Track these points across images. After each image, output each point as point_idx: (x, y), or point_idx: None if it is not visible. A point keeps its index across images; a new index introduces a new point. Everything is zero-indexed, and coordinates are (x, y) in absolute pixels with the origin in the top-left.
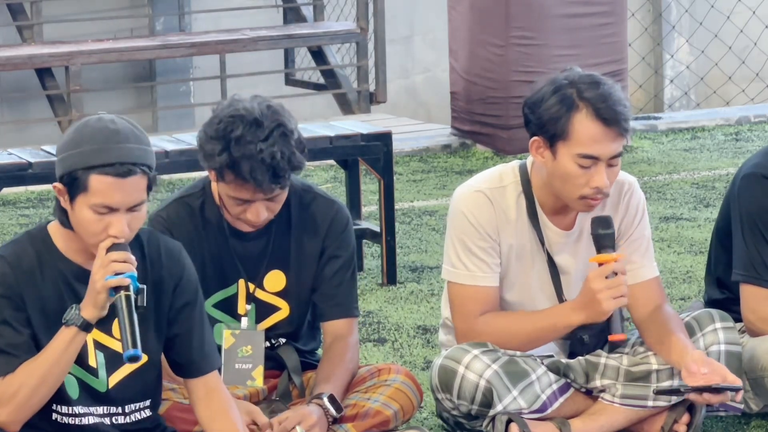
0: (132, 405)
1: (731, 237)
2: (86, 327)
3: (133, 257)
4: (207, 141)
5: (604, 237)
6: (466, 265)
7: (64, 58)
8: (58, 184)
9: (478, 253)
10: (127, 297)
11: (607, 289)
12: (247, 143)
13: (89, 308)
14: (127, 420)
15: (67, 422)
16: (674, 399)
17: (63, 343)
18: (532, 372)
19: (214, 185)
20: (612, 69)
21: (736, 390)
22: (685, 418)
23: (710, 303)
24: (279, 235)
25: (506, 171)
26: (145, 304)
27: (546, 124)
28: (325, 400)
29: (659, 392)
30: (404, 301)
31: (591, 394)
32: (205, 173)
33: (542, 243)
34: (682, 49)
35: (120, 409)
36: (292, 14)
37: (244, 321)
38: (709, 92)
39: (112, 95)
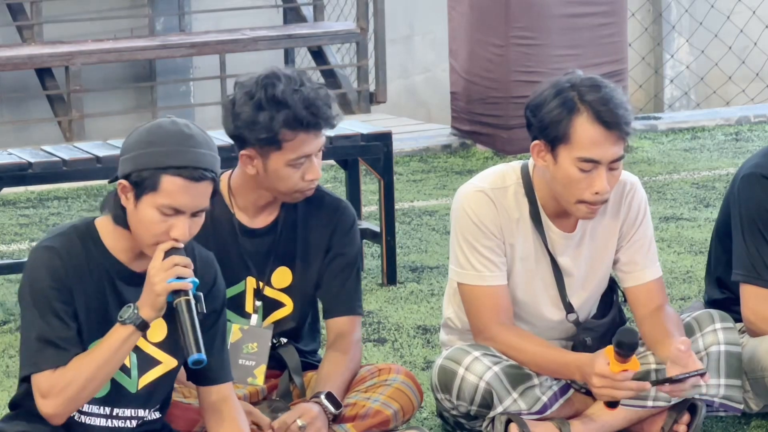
0: (151, 407)
1: (731, 237)
2: (143, 327)
3: (192, 263)
4: (255, 115)
5: (628, 347)
6: (473, 265)
7: (64, 58)
8: (123, 181)
9: (484, 252)
10: (188, 302)
11: (607, 388)
12: (293, 92)
13: (147, 309)
14: (142, 421)
15: (83, 421)
16: (674, 401)
17: (117, 341)
18: (534, 376)
19: (224, 180)
20: (612, 69)
21: (699, 374)
22: (686, 418)
23: (710, 303)
24: (286, 232)
25: (508, 172)
26: (205, 311)
27: (547, 128)
28: (323, 398)
29: (653, 383)
30: (404, 301)
31: (591, 395)
32: None
33: (545, 245)
34: (682, 49)
35: (143, 412)
36: (292, 14)
37: (254, 318)
38: (709, 92)
39: (112, 95)
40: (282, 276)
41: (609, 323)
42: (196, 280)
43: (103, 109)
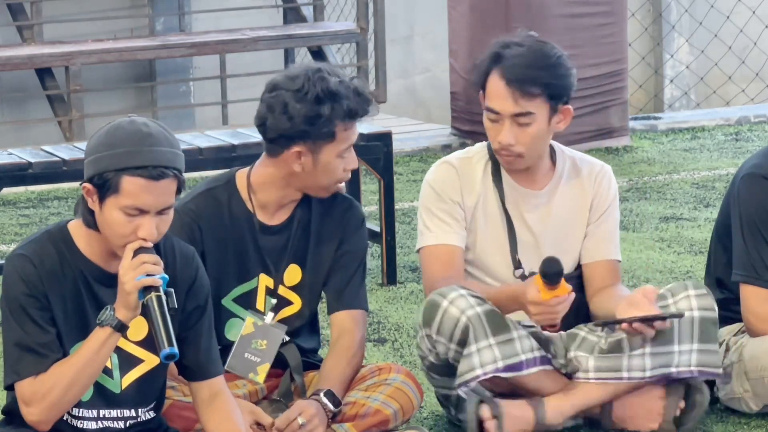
0: (142, 407)
1: (731, 237)
2: (121, 328)
3: (161, 260)
4: (317, 109)
5: (554, 276)
6: (429, 227)
7: (64, 58)
8: (87, 185)
9: (440, 215)
10: (158, 297)
11: (542, 314)
12: (341, 84)
13: (122, 310)
14: (136, 421)
15: (74, 425)
16: (648, 366)
17: (97, 343)
18: (514, 330)
19: (241, 178)
20: (612, 69)
21: (666, 318)
22: (681, 403)
23: None
24: (300, 230)
25: (475, 147)
26: (176, 306)
27: (476, 78)
28: (322, 395)
29: (597, 324)
30: (404, 301)
31: (569, 377)
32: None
33: (502, 202)
34: (682, 49)
35: (131, 412)
36: (292, 14)
37: (270, 316)
38: (709, 92)
39: (112, 95)
40: (293, 274)
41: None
42: (166, 276)
43: (103, 109)
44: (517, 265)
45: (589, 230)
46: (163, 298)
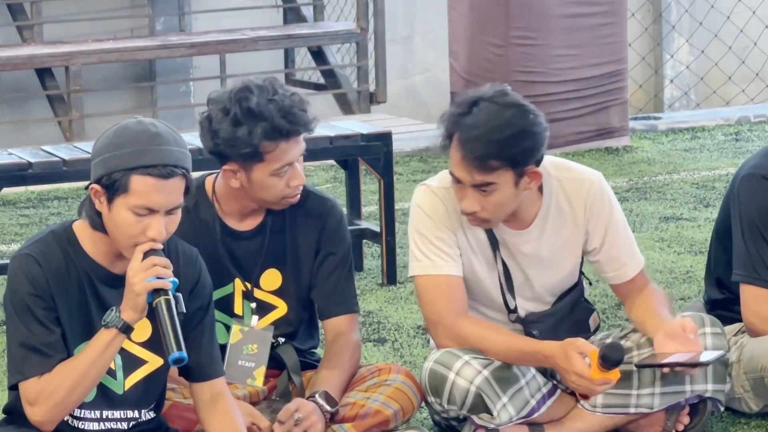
0: (144, 407)
1: (731, 237)
2: (126, 329)
3: (171, 264)
4: (234, 130)
5: (612, 363)
6: (427, 255)
7: (64, 58)
8: (95, 186)
9: (437, 243)
10: (168, 301)
11: (582, 387)
12: (268, 102)
13: (129, 311)
14: (137, 422)
15: (76, 425)
16: (657, 404)
17: (102, 344)
18: (522, 377)
19: (209, 184)
20: (612, 69)
21: (709, 364)
22: (685, 419)
23: (710, 303)
24: (274, 234)
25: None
26: (185, 311)
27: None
28: (317, 397)
29: (645, 366)
30: (404, 301)
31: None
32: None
33: (494, 246)
34: (682, 49)
35: (134, 413)
36: (292, 14)
37: (254, 320)
38: (709, 92)
39: (112, 95)
40: (271, 278)
41: (558, 313)
42: (176, 280)
43: (103, 109)
44: (510, 310)
45: (602, 257)
46: (172, 301)
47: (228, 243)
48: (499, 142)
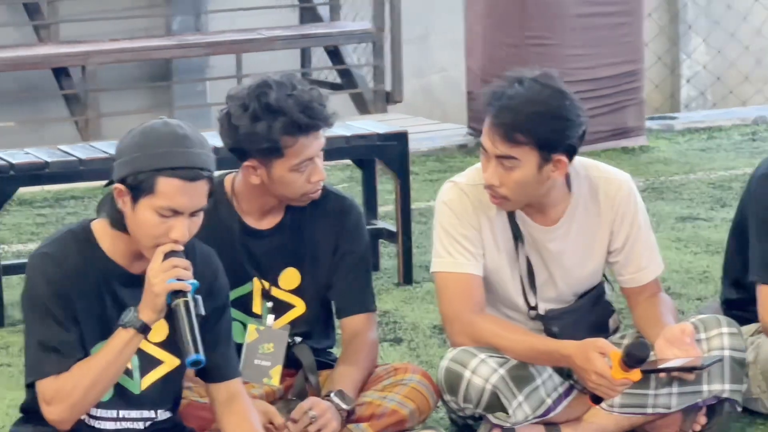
0: (160, 407)
1: (747, 237)
2: (144, 329)
3: (191, 266)
4: (253, 126)
5: (636, 360)
6: (449, 251)
7: (81, 57)
8: (119, 185)
9: (460, 240)
10: (186, 303)
11: (602, 387)
12: (287, 97)
13: (147, 311)
14: (153, 422)
15: (93, 425)
16: (674, 404)
17: (119, 344)
18: (538, 376)
19: (228, 183)
20: (628, 69)
21: (706, 367)
22: (702, 419)
23: (727, 303)
24: (293, 233)
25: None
26: (203, 313)
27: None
28: (333, 395)
29: (644, 371)
30: (420, 301)
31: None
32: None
33: (516, 238)
34: (699, 49)
35: (150, 413)
36: (309, 14)
37: (270, 319)
38: (726, 92)
39: (128, 95)
40: (290, 277)
41: (578, 311)
42: (196, 282)
43: (119, 108)
44: (530, 306)
45: (622, 258)
46: (191, 303)
47: (246, 242)
48: (529, 116)
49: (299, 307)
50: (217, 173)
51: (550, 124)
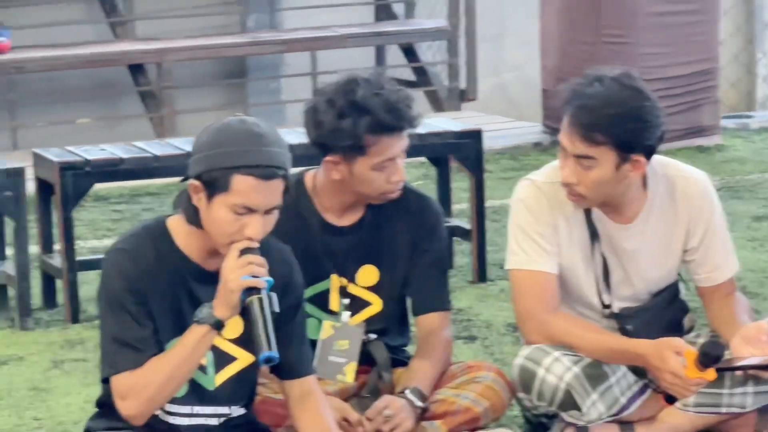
0: (234, 404)
1: None
2: (218, 326)
3: (266, 263)
4: (338, 122)
5: (712, 359)
6: (524, 249)
7: (156, 54)
8: (195, 182)
9: (536, 238)
10: (261, 300)
11: (677, 387)
12: (374, 96)
13: (222, 307)
14: (227, 418)
15: (167, 420)
16: (749, 404)
17: (193, 340)
18: (612, 374)
19: (308, 179)
20: (703, 67)
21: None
22: None
23: None
24: (372, 230)
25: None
26: (278, 310)
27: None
28: (407, 392)
29: (719, 369)
30: (494, 299)
31: (665, 395)
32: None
33: (592, 236)
34: None
35: (224, 409)
36: (384, 11)
37: (345, 315)
38: None
39: (203, 92)
40: (368, 274)
41: (653, 309)
42: (271, 279)
43: (194, 105)
44: (607, 306)
45: (698, 256)
46: (266, 300)
47: (326, 238)
48: (609, 117)
49: (376, 305)
50: (294, 170)
51: (629, 125)
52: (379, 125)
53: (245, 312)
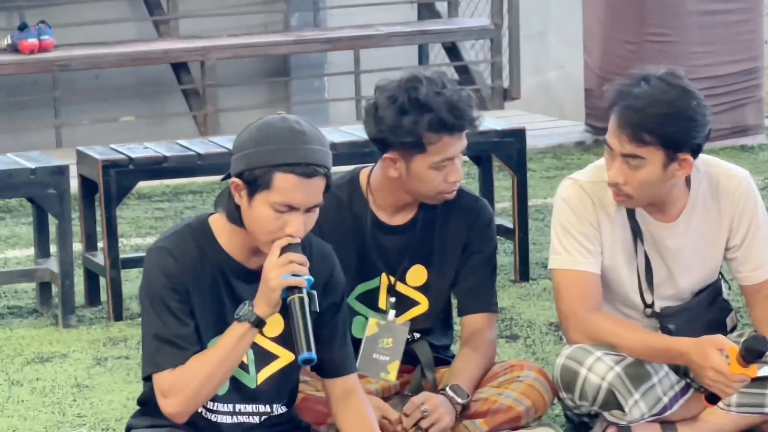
0: (276, 402)
1: None
2: (259, 323)
3: (308, 261)
4: (399, 119)
5: (756, 354)
6: (567, 249)
7: (200, 53)
8: (236, 180)
9: (578, 237)
10: (301, 299)
11: (719, 384)
12: (436, 95)
13: (262, 305)
14: (269, 416)
15: (209, 418)
16: None
17: (234, 338)
18: (654, 374)
19: (363, 177)
20: (747, 66)
21: None
22: None
23: None
24: (423, 230)
25: (604, 169)
26: (318, 310)
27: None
28: (448, 389)
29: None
30: (537, 298)
31: (707, 394)
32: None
33: (635, 236)
34: None
35: (266, 407)
36: (427, 10)
37: (391, 314)
38: None
39: (246, 90)
40: (417, 274)
41: (695, 308)
42: (311, 278)
43: (237, 103)
44: (649, 305)
45: (740, 254)
46: (306, 300)
47: (377, 236)
48: (657, 117)
49: (423, 305)
50: (351, 167)
51: (676, 125)
52: (440, 123)
53: (286, 310)
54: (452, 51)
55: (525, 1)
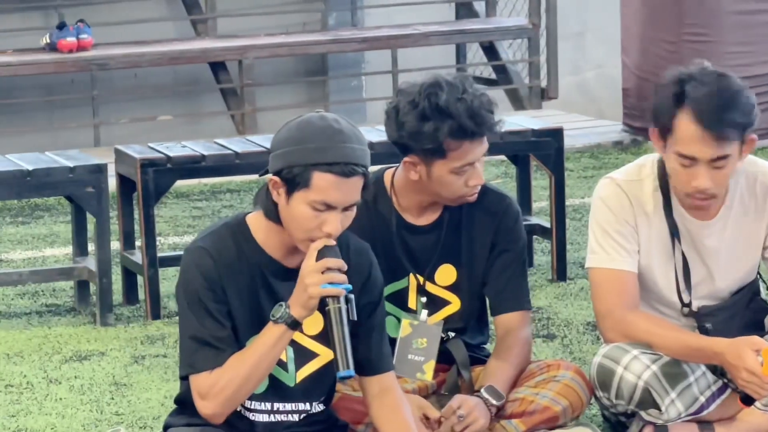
0: (314, 400)
1: None
2: (295, 325)
3: (345, 265)
4: (420, 125)
5: None
6: (604, 248)
7: (237, 52)
8: (274, 178)
9: (615, 237)
10: (339, 310)
11: (753, 385)
12: (457, 101)
13: (298, 308)
14: (307, 414)
15: (247, 417)
16: None
17: (271, 339)
18: (691, 373)
19: (388, 177)
20: None
21: None
22: None
23: None
24: (450, 230)
25: (646, 164)
26: (356, 318)
27: (656, 117)
28: (483, 391)
29: None
30: (574, 297)
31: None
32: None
33: (673, 235)
34: None
35: (305, 405)
36: (464, 10)
37: (424, 314)
38: None
39: (284, 89)
40: (446, 273)
41: (732, 307)
42: (349, 286)
43: (275, 102)
44: (686, 304)
45: None
46: (344, 309)
47: (404, 237)
48: (736, 109)
49: (454, 304)
50: (374, 167)
51: (748, 111)
52: (461, 130)
53: (324, 308)
54: (490, 50)
55: (563, 0)
